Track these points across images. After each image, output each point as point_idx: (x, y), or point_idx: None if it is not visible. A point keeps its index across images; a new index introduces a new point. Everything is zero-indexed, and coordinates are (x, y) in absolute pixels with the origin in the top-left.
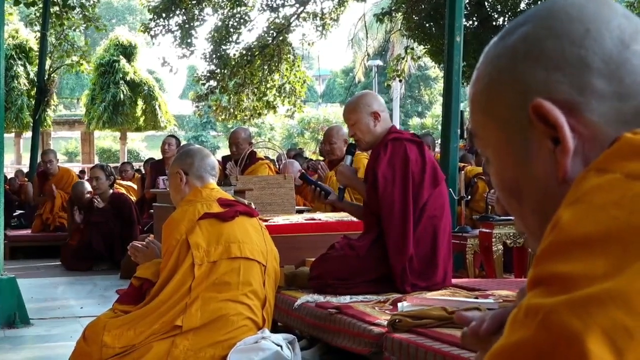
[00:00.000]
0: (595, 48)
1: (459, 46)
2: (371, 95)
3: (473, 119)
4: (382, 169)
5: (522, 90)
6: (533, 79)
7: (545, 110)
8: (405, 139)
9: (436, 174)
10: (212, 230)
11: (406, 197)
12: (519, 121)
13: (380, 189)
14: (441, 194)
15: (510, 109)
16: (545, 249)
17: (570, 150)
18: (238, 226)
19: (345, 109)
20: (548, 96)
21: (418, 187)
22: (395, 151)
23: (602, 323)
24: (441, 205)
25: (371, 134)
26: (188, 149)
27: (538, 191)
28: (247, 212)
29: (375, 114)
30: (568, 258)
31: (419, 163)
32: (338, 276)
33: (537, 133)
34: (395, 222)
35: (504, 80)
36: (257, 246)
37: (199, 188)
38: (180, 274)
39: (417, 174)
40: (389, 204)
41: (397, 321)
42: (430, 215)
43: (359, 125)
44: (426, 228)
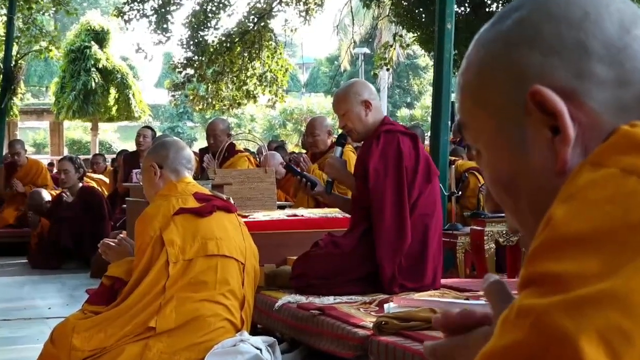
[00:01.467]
0: (594, 32)
1: (450, 34)
2: (361, 84)
3: (463, 109)
4: (373, 161)
5: (517, 76)
6: (529, 65)
7: (544, 97)
8: (399, 131)
9: (430, 170)
10: (187, 226)
11: (400, 191)
12: (514, 110)
13: (371, 183)
14: (434, 190)
15: (504, 97)
16: (538, 248)
17: (571, 140)
18: (215, 222)
19: (334, 98)
20: (546, 82)
21: (410, 183)
22: (388, 143)
23: (597, 325)
24: (433, 202)
25: (363, 124)
26: (163, 141)
27: (534, 185)
28: (225, 208)
29: (366, 102)
30: (561, 257)
31: (413, 157)
32: (321, 275)
33: (534, 122)
34: (387, 218)
35: (498, 67)
36: (236, 243)
37: (174, 182)
38: (154, 272)
39: (410, 169)
40: (380, 198)
41: (383, 323)
42: (422, 213)
43: (350, 115)
44: (416, 226)
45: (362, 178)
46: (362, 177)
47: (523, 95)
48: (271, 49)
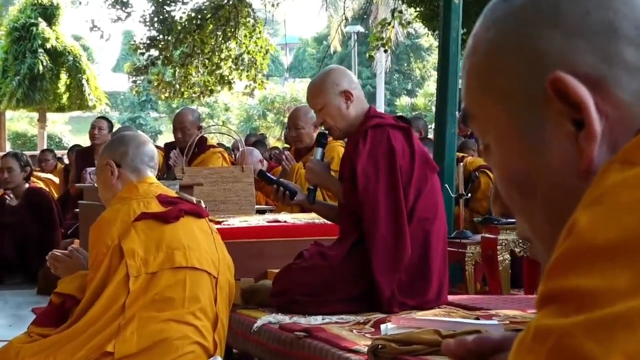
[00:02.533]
0: (624, 11)
1: (458, 9)
2: (338, 71)
3: (469, 97)
4: (361, 162)
5: (534, 61)
6: (548, 48)
7: (566, 86)
8: (389, 124)
9: (427, 167)
10: (150, 234)
11: (395, 195)
12: (530, 99)
13: (361, 188)
14: (434, 191)
15: (518, 84)
16: (559, 259)
17: (597, 136)
18: (183, 229)
19: (308, 92)
20: (568, 68)
21: (406, 184)
22: (377, 140)
23: (625, 349)
24: (434, 205)
25: (344, 119)
26: (121, 135)
27: (552, 186)
28: (195, 212)
29: (346, 93)
30: (586, 270)
31: (407, 154)
32: (307, 291)
33: (553, 114)
34: (381, 226)
35: (511, 48)
36: (207, 254)
37: (135, 183)
38: (112, 288)
39: (405, 168)
40: (372, 204)
41: (379, 347)
42: (421, 217)
43: (328, 110)
44: (415, 234)
45: (349, 181)
46: (349, 180)
47: (541, 83)
48: (249, 27)
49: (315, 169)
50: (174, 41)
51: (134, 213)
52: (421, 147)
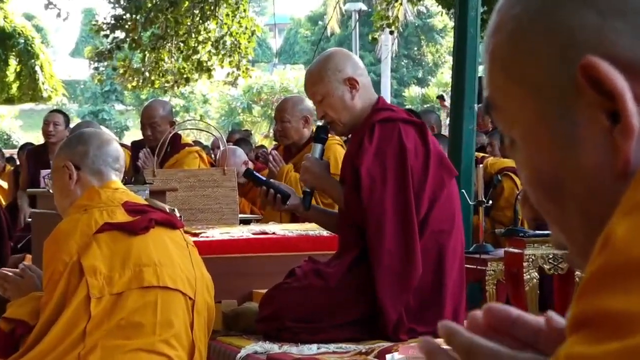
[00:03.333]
0: None
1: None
2: (341, 55)
3: (492, 84)
4: (366, 162)
5: (564, 43)
6: (581, 28)
7: (599, 72)
8: (400, 118)
9: (444, 170)
10: (115, 248)
11: (405, 202)
12: (559, 87)
13: (364, 192)
14: (451, 198)
15: (546, 70)
16: (592, 277)
17: (635, 130)
18: (154, 242)
19: (306, 79)
20: (603, 52)
21: (418, 190)
22: (386, 137)
23: None
24: (450, 215)
25: (348, 111)
26: (81, 132)
27: (586, 188)
28: (168, 223)
29: (351, 81)
30: (623, 290)
31: (421, 154)
32: (300, 316)
33: (586, 105)
34: (387, 239)
35: (538, 28)
36: (182, 271)
37: (97, 188)
38: (70, 312)
39: (417, 171)
40: (377, 212)
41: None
42: (435, 230)
43: (330, 101)
44: (428, 249)
45: (352, 185)
46: (352, 184)
47: (572, 69)
48: (231, 5)
49: (312, 169)
50: (143, 21)
51: (95, 224)
52: (438, 147)
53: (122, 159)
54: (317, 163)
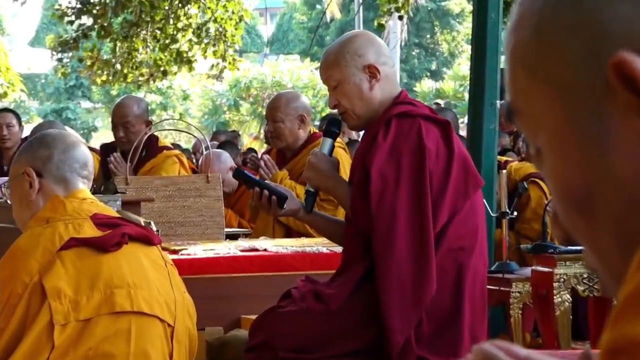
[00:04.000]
0: None
1: None
2: (365, 39)
3: (514, 86)
4: (378, 161)
5: (593, 37)
6: (612, 20)
7: (634, 70)
8: (421, 114)
9: (469, 179)
10: (82, 267)
11: (420, 211)
12: (589, 87)
13: (374, 195)
14: (474, 212)
15: (573, 69)
16: (627, 300)
17: None
18: (127, 261)
19: (323, 61)
20: (638, 47)
21: (437, 198)
22: (403, 134)
23: None
24: (472, 230)
25: (364, 103)
26: (43, 135)
27: (621, 202)
28: (143, 238)
29: (372, 68)
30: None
31: (442, 157)
32: (295, 345)
33: (619, 107)
34: (398, 253)
35: (564, 22)
36: (160, 294)
37: (61, 198)
38: (31, 340)
39: (437, 176)
40: (388, 220)
41: None
42: (454, 247)
43: (345, 89)
44: (444, 267)
45: (361, 188)
46: (361, 186)
47: (603, 67)
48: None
49: (318, 165)
50: (113, 5)
51: (60, 239)
52: (463, 152)
53: (90, 165)
54: (325, 159)
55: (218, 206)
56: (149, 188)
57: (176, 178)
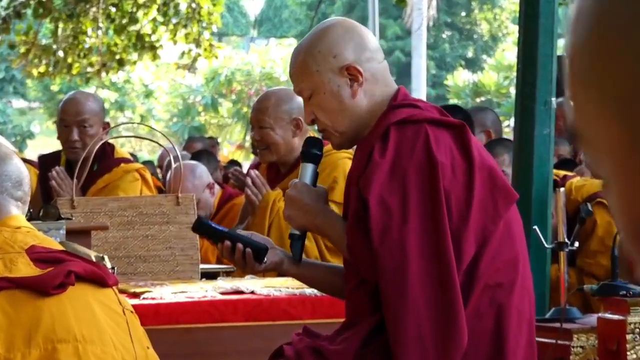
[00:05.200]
0: None
1: None
2: (340, 30)
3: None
4: (377, 187)
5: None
6: None
7: None
8: (427, 118)
9: (498, 193)
10: (17, 315)
11: (438, 244)
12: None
13: (376, 232)
14: (511, 236)
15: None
16: None
17: None
18: (73, 307)
19: (290, 67)
20: None
21: (459, 226)
22: (405, 146)
23: None
24: (511, 260)
25: (348, 115)
26: None
27: None
28: (94, 278)
29: (351, 70)
30: None
31: (460, 171)
32: None
33: None
34: (412, 300)
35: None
36: (116, 349)
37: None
38: None
39: (456, 196)
40: (395, 263)
41: None
42: (489, 283)
43: (321, 100)
44: (480, 312)
45: (358, 223)
46: (358, 220)
47: None
48: None
49: (300, 200)
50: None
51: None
52: (486, 159)
53: (26, 183)
54: (307, 191)
55: (191, 235)
56: (101, 212)
57: (137, 199)
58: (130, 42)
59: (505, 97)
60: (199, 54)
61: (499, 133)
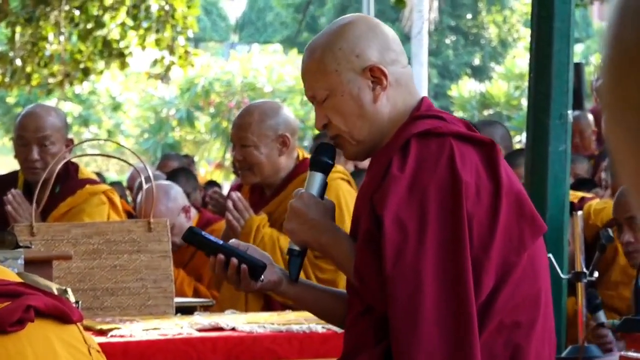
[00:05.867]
0: None
1: None
2: (364, 28)
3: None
4: (394, 203)
5: None
6: None
7: None
8: (454, 133)
9: (525, 223)
10: None
11: (456, 273)
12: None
13: (390, 255)
14: (535, 270)
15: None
16: None
17: None
18: (32, 346)
19: (304, 64)
20: None
21: (480, 254)
22: (428, 161)
23: None
24: (532, 297)
25: (368, 121)
26: None
27: None
28: (56, 313)
29: (375, 71)
30: None
31: (486, 194)
32: None
33: None
34: (425, 334)
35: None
36: None
37: None
38: None
39: (479, 221)
40: (410, 290)
41: None
42: (507, 322)
43: (338, 102)
44: (494, 353)
45: (370, 243)
46: (370, 240)
47: None
48: None
49: (305, 213)
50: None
51: None
52: (516, 185)
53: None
54: (313, 203)
55: (165, 265)
56: (64, 240)
57: (104, 225)
58: (96, 49)
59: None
60: (172, 62)
61: (509, 149)
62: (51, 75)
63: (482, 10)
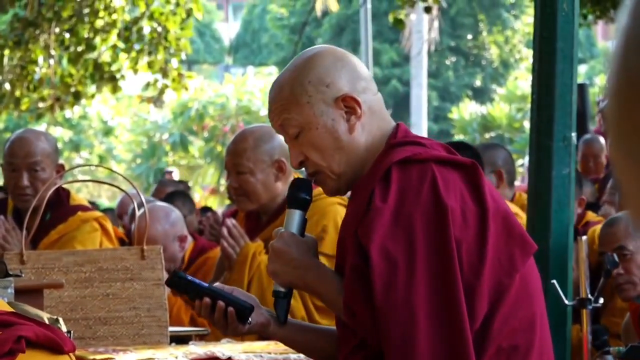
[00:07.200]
0: None
1: None
2: (331, 58)
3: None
4: (379, 235)
5: None
6: None
7: None
8: (434, 157)
9: (514, 244)
10: None
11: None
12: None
13: (379, 288)
14: (528, 291)
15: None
16: None
17: None
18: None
19: (272, 99)
20: None
21: (471, 280)
22: (411, 189)
23: None
24: (527, 319)
25: (346, 153)
26: None
27: None
28: (48, 343)
29: (348, 101)
30: None
31: (472, 218)
32: None
33: None
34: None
35: None
36: None
37: None
38: None
39: (468, 247)
40: (402, 324)
41: None
42: (504, 346)
43: (313, 136)
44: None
45: (358, 278)
46: (358, 275)
47: None
48: None
49: (287, 253)
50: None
51: None
52: (502, 205)
53: None
54: (295, 242)
55: (159, 294)
56: (55, 268)
57: (96, 253)
58: (87, 72)
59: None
60: (165, 85)
61: (512, 173)
62: (41, 100)
63: (483, 30)
